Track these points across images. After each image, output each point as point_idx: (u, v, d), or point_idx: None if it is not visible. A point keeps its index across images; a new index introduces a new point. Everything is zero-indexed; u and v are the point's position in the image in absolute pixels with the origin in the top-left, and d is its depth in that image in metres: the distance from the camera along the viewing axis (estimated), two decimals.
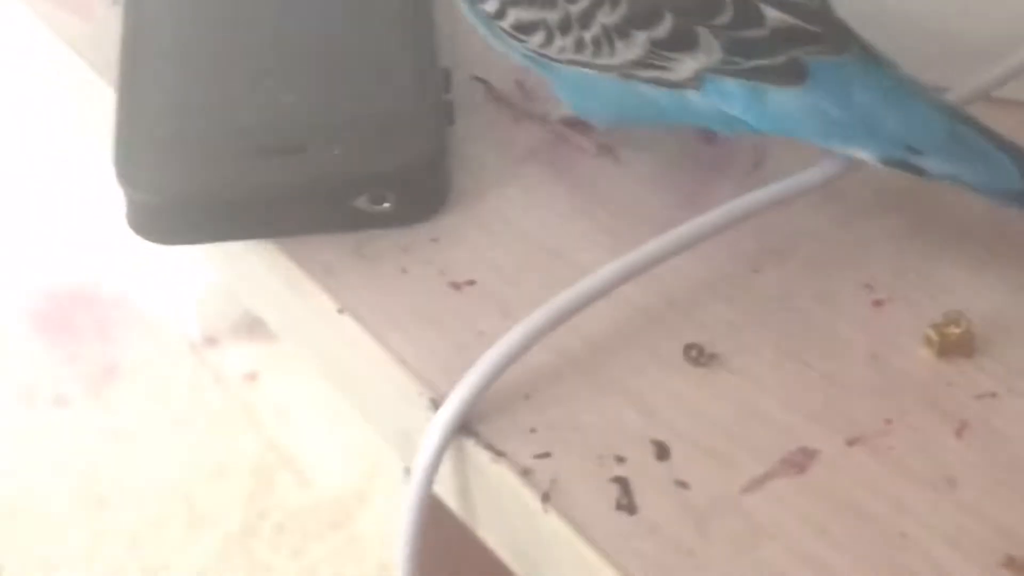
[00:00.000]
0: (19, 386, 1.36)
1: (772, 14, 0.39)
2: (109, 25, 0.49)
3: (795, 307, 0.41)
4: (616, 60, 0.40)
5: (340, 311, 0.41)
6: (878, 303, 0.40)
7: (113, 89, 0.46)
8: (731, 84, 0.39)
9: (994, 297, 0.40)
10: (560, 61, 0.41)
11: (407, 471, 0.38)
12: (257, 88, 0.44)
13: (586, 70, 0.41)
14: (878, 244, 0.42)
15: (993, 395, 0.38)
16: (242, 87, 0.45)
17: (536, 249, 0.42)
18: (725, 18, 0.39)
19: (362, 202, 0.42)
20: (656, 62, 0.40)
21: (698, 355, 0.39)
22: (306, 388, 1.35)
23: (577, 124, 0.44)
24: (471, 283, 0.42)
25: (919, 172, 0.39)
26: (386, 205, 0.42)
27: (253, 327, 1.40)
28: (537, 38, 0.41)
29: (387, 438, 0.42)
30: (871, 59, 0.39)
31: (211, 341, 1.40)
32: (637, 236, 0.41)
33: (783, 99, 0.39)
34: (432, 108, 0.43)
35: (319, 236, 0.43)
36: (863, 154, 0.39)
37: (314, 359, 0.44)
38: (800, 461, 0.37)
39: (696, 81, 0.39)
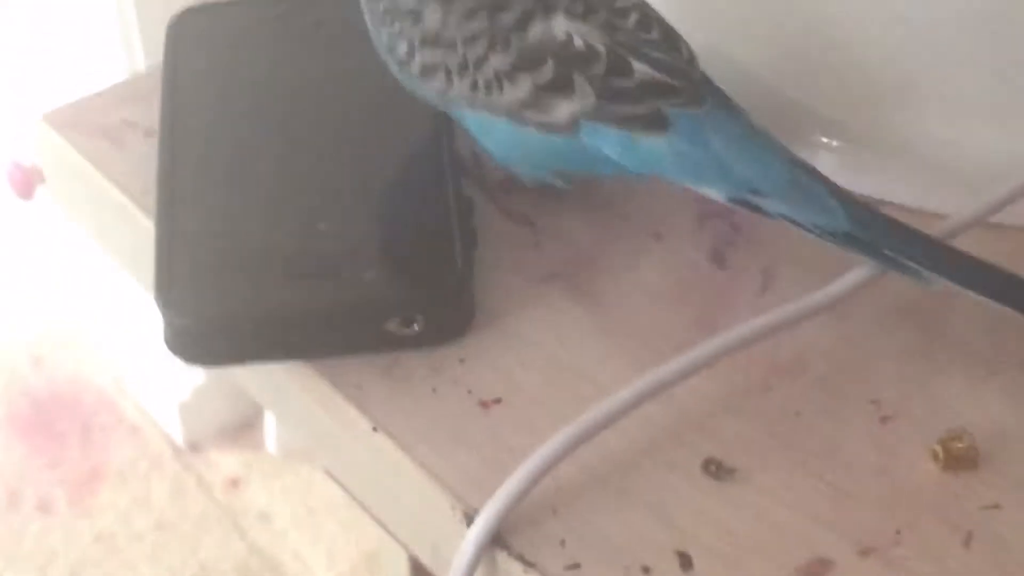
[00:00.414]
0: (3, 491, 1.37)
1: (640, 67, 0.44)
2: (143, 153, 0.51)
3: (806, 423, 0.43)
4: (505, 100, 0.44)
5: (374, 429, 0.43)
6: (885, 419, 0.43)
7: (145, 215, 0.49)
8: (604, 129, 0.44)
9: (996, 411, 0.43)
10: (459, 102, 0.45)
11: None
12: (291, 215, 0.47)
13: (482, 112, 0.45)
14: (884, 361, 0.44)
15: (997, 506, 0.40)
16: (276, 214, 0.47)
17: (559, 368, 0.44)
18: (599, 68, 0.43)
19: (393, 325, 0.44)
20: (538, 105, 0.44)
21: (717, 469, 0.42)
22: (289, 495, 1.36)
23: (509, 190, 0.49)
24: (498, 401, 0.44)
25: (759, 211, 0.44)
26: (416, 327, 0.44)
27: (237, 433, 1.41)
28: (439, 82, 0.45)
29: (418, 551, 0.44)
30: (727, 110, 0.44)
31: (194, 446, 1.41)
32: (655, 355, 0.44)
33: (649, 144, 0.44)
34: (458, 234, 0.45)
35: (351, 357, 0.45)
36: (713, 193, 0.44)
37: (345, 474, 0.45)
38: (816, 571, 0.39)
39: (573, 124, 0.44)
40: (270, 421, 1.38)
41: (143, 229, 0.49)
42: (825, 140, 0.51)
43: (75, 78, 1.22)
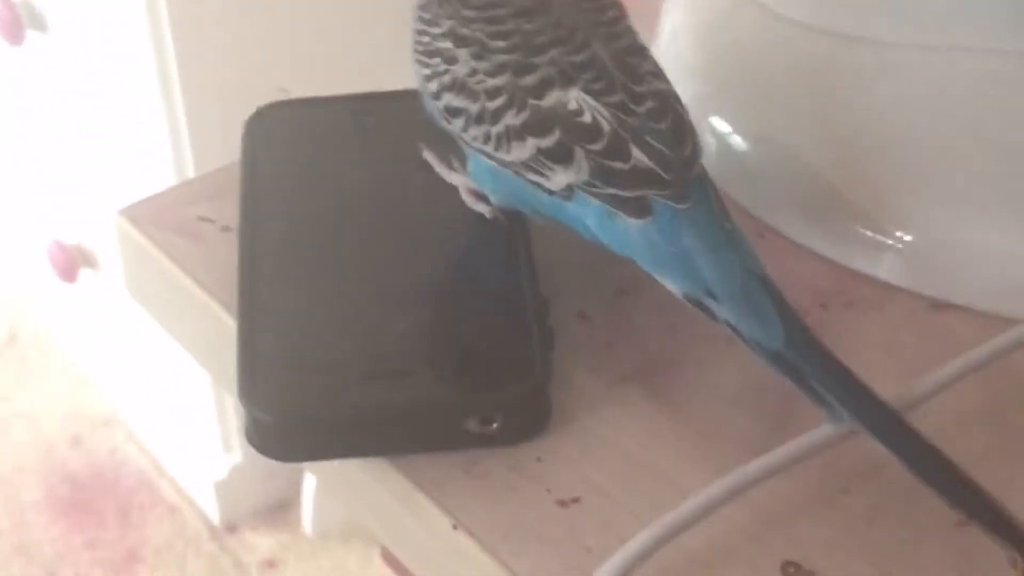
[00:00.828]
0: (41, 571, 1.37)
1: (637, 154, 0.45)
2: (220, 249, 0.52)
3: (883, 527, 0.43)
4: (510, 157, 0.46)
5: (454, 527, 0.43)
6: (961, 524, 0.43)
7: (224, 310, 0.49)
8: (591, 201, 0.45)
9: None
10: (472, 147, 0.48)
11: None
12: (369, 314, 0.48)
13: (490, 161, 0.47)
14: (961, 466, 0.44)
15: None
16: (355, 313, 0.48)
17: (636, 468, 0.45)
18: (599, 146, 0.45)
19: (472, 424, 0.45)
20: (538, 168, 0.46)
21: (795, 572, 0.42)
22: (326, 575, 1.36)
23: (480, 194, 0.51)
24: (576, 500, 0.44)
25: (707, 312, 0.45)
26: (494, 426, 0.45)
27: (273, 514, 1.42)
28: (459, 123, 0.48)
29: None
30: (708, 210, 0.45)
31: (231, 527, 1.41)
32: (731, 457, 0.44)
33: (628, 226, 0.45)
34: (536, 334, 0.46)
35: (429, 455, 0.45)
36: (671, 286, 0.45)
37: (426, 571, 0.46)
38: None
39: (567, 192, 0.46)
40: (307, 501, 1.39)
41: (221, 324, 0.50)
42: (893, 238, 0.51)
43: (119, 160, 1.24)
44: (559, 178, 0.46)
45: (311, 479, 1.37)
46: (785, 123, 0.54)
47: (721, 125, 0.55)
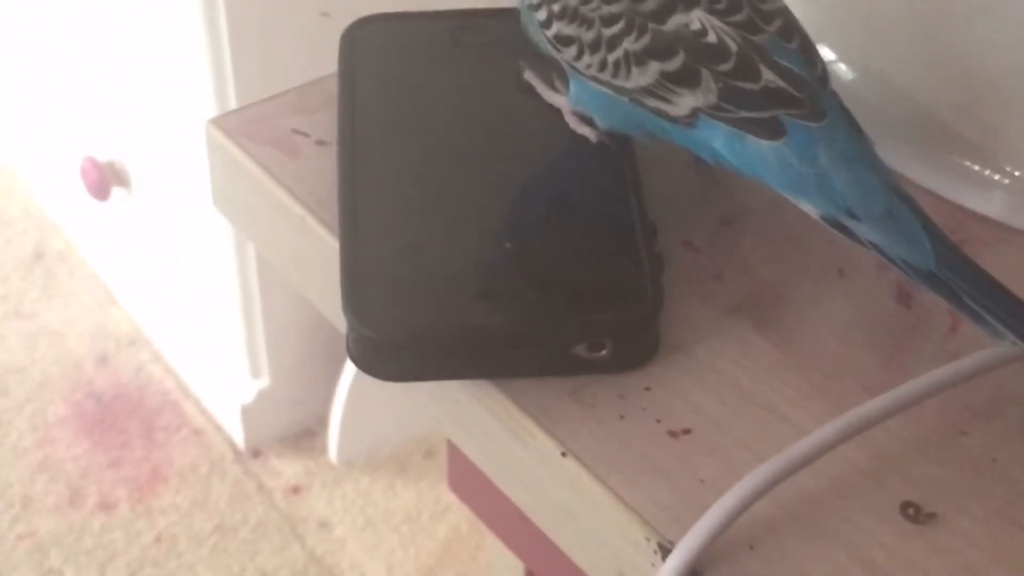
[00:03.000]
0: (65, 487, 1.37)
1: (767, 74, 0.44)
2: (316, 164, 0.51)
3: (1004, 469, 0.42)
4: (630, 84, 0.45)
5: (563, 454, 0.42)
6: None
7: (323, 226, 0.48)
8: (719, 125, 0.44)
9: None
10: (585, 75, 0.46)
11: None
12: (477, 232, 0.47)
13: (604, 88, 0.46)
14: None
15: None
16: (462, 231, 0.47)
17: (748, 402, 0.44)
18: (727, 67, 0.44)
19: (581, 349, 0.44)
20: (661, 92, 0.45)
21: (915, 513, 0.41)
22: (350, 504, 1.36)
23: (584, 117, 0.49)
24: (687, 432, 0.43)
25: (849, 234, 0.44)
26: (603, 353, 0.44)
27: (299, 440, 1.41)
28: (571, 51, 0.46)
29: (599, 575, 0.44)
30: (844, 129, 0.44)
31: (255, 452, 1.41)
32: (844, 394, 0.43)
33: (760, 148, 0.44)
34: (647, 260, 0.45)
35: (535, 380, 0.44)
36: (808, 207, 0.44)
37: (529, 500, 0.45)
38: None
39: (690, 119, 0.45)
40: (333, 429, 1.38)
41: (317, 239, 0.49)
42: (1003, 174, 0.50)
43: (157, 78, 1.22)
44: (685, 102, 0.44)
45: (339, 406, 1.36)
46: (892, 53, 0.53)
47: (826, 53, 0.54)
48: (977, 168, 0.51)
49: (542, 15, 0.47)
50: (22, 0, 1.41)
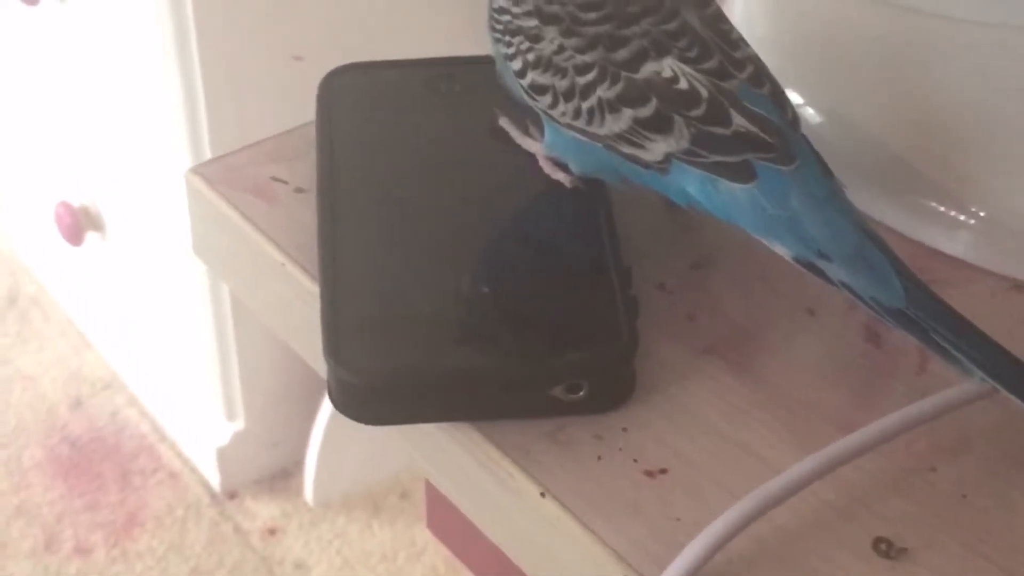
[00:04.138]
0: (41, 532, 1.36)
1: (738, 119, 0.45)
2: (295, 211, 0.51)
3: (974, 504, 0.43)
4: (604, 131, 0.46)
5: (542, 495, 0.43)
6: None
7: (302, 272, 0.49)
8: (692, 169, 0.45)
9: None
10: (560, 123, 0.47)
11: None
12: (454, 277, 0.47)
13: (578, 135, 0.47)
14: None
15: None
16: (440, 275, 0.47)
17: (722, 441, 0.45)
18: (698, 112, 0.45)
19: (559, 391, 0.45)
20: (635, 139, 0.45)
21: (887, 548, 0.42)
22: (326, 545, 1.36)
23: (558, 162, 0.50)
24: (664, 471, 0.44)
25: (821, 275, 0.45)
26: (581, 394, 0.45)
27: (275, 482, 1.41)
28: (546, 99, 0.47)
29: None
30: (814, 172, 0.45)
31: (232, 494, 1.41)
32: (816, 432, 0.44)
33: (732, 191, 0.45)
34: (622, 303, 0.46)
35: (514, 421, 0.45)
36: (780, 249, 0.45)
37: (505, 538, 0.46)
38: None
39: (664, 164, 0.45)
40: (309, 470, 1.38)
41: (297, 286, 0.50)
42: (968, 214, 0.51)
43: (131, 124, 1.23)
44: (658, 148, 0.45)
45: (315, 448, 1.36)
46: (858, 97, 0.54)
47: (793, 97, 0.55)
48: (943, 209, 0.52)
49: (517, 65, 0.48)
50: None
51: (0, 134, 1.54)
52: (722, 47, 0.46)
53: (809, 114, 0.55)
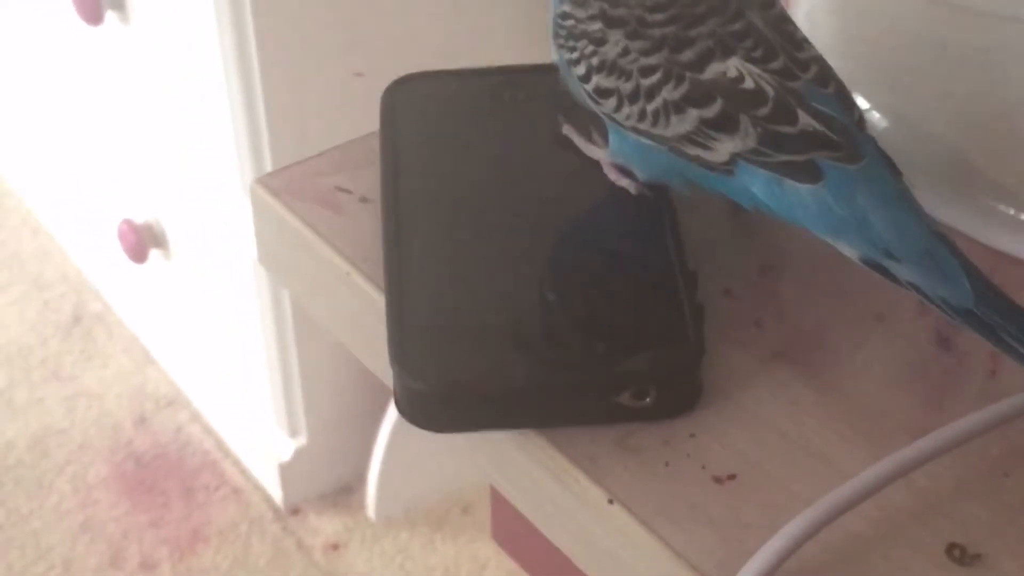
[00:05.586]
0: (106, 548, 1.37)
1: (804, 118, 0.45)
2: (360, 220, 0.52)
3: None
4: (669, 132, 0.46)
5: (610, 501, 0.43)
6: None
7: (368, 281, 0.49)
8: (758, 170, 0.45)
9: None
10: (624, 126, 0.47)
11: None
12: (520, 284, 0.47)
13: (643, 138, 0.47)
14: None
15: None
16: (505, 282, 0.47)
17: (791, 447, 0.44)
18: (764, 111, 0.44)
19: (625, 397, 0.44)
20: (700, 139, 0.45)
21: (961, 555, 0.41)
22: (388, 561, 1.36)
23: (623, 169, 0.50)
24: (732, 477, 0.44)
25: (888, 275, 0.44)
26: (648, 400, 0.44)
27: (337, 498, 1.42)
28: (610, 103, 0.47)
29: None
30: (881, 171, 0.45)
31: (294, 510, 1.41)
32: (887, 437, 0.44)
33: (798, 192, 0.45)
34: (688, 309, 0.46)
35: (581, 428, 0.45)
36: (848, 250, 0.45)
37: (574, 547, 0.45)
38: None
39: (729, 165, 0.45)
40: (371, 486, 1.39)
41: (363, 295, 0.50)
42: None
43: (193, 142, 1.24)
44: (724, 147, 0.45)
45: (377, 463, 1.37)
46: (924, 100, 0.54)
47: (859, 102, 0.55)
48: (1012, 212, 0.52)
49: (581, 70, 0.48)
50: (58, 64, 1.44)
51: (64, 153, 1.55)
52: (786, 47, 0.46)
53: (875, 118, 0.55)
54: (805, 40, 0.47)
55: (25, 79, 1.55)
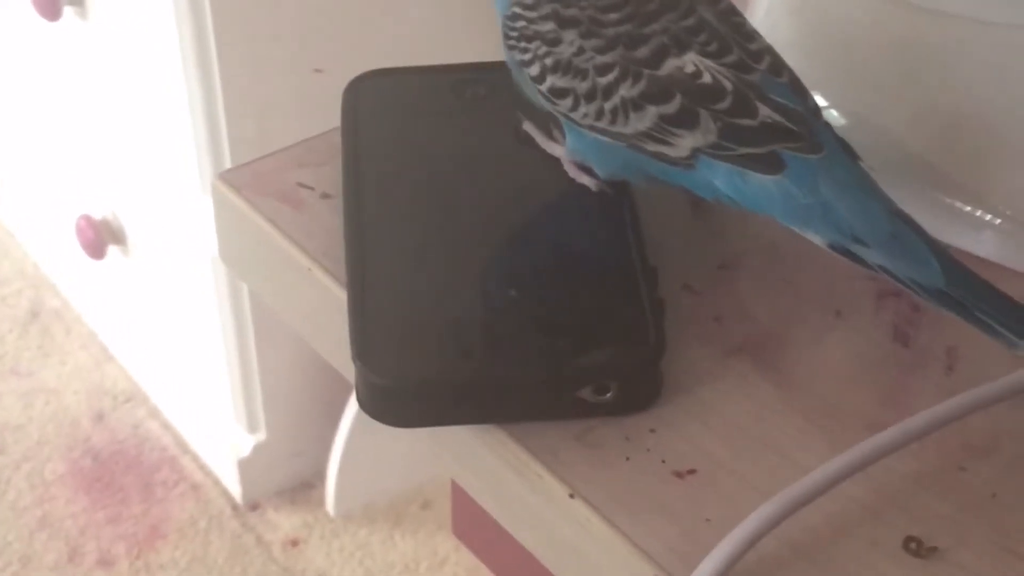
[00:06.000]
0: (64, 545, 1.37)
1: (763, 110, 0.45)
2: (321, 216, 0.52)
3: (1004, 504, 0.43)
4: (628, 130, 0.46)
5: (571, 495, 0.43)
6: None
7: (329, 277, 0.49)
8: (719, 164, 0.45)
9: None
10: (582, 125, 0.47)
11: None
12: (481, 280, 0.47)
13: (601, 136, 0.47)
14: None
15: None
16: (467, 279, 0.48)
17: (751, 441, 0.45)
18: (724, 105, 0.45)
19: (587, 392, 0.45)
20: (661, 135, 0.45)
21: (918, 547, 0.42)
22: (348, 557, 1.36)
23: (583, 166, 0.50)
24: (692, 472, 0.44)
25: (858, 260, 0.45)
26: (608, 396, 0.45)
27: (296, 493, 1.42)
28: (567, 103, 0.47)
29: None
30: (841, 158, 0.46)
31: (253, 506, 1.41)
32: (845, 432, 0.44)
33: (762, 183, 0.45)
34: (649, 304, 0.46)
35: (542, 423, 0.45)
36: (815, 237, 0.45)
37: (536, 541, 0.46)
38: None
39: (691, 160, 0.45)
40: (331, 482, 1.38)
41: (324, 290, 0.50)
42: (993, 213, 0.51)
43: (151, 137, 1.23)
44: (685, 143, 0.45)
45: (336, 459, 1.36)
46: (882, 99, 0.54)
47: (817, 99, 0.55)
48: (968, 209, 0.52)
49: (535, 70, 0.48)
50: (16, 59, 1.43)
51: (21, 149, 1.54)
52: (738, 40, 0.46)
53: (833, 116, 0.55)
54: (754, 31, 0.47)
55: None
